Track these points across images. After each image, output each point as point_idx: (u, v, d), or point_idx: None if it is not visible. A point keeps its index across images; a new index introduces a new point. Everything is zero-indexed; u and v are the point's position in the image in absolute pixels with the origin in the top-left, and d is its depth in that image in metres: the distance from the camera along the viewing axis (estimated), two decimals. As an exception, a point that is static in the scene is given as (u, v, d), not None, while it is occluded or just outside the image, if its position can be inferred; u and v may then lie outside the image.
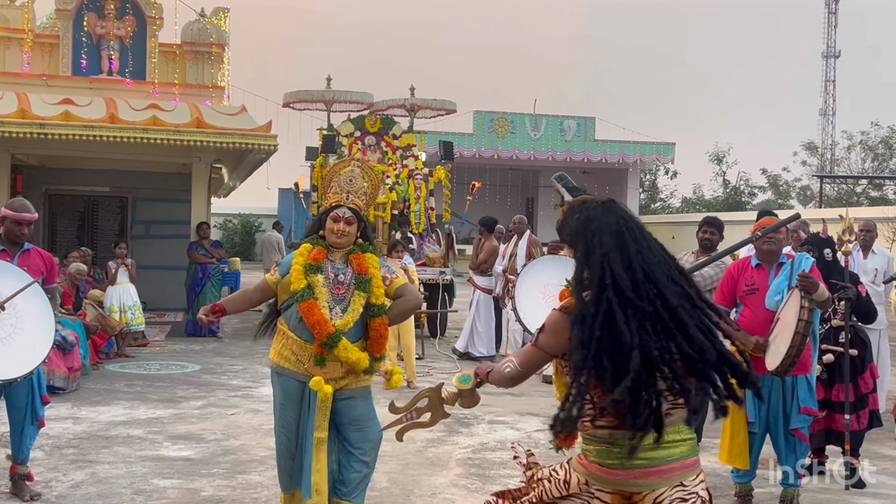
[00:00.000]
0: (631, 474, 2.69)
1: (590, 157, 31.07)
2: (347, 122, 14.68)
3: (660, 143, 31.98)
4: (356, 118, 14.71)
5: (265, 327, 4.64)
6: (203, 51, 13.88)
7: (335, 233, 4.34)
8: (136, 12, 13.73)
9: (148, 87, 13.54)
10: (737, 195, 41.36)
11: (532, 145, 30.72)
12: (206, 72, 13.91)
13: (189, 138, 11.86)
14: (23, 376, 4.84)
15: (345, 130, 14.55)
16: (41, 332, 4.92)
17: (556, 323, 2.83)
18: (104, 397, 8.35)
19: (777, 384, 5.16)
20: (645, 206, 40.55)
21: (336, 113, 15.35)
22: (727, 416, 2.87)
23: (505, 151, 30.44)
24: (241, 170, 16.10)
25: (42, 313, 4.94)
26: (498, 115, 30.96)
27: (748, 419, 5.16)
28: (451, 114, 16.53)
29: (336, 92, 14.72)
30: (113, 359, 10.56)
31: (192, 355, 11.09)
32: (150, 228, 14.86)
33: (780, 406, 5.16)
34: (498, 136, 30.64)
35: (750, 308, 5.17)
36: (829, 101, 47.65)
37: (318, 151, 14.06)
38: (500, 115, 30.92)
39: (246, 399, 8.47)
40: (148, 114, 12.13)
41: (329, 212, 4.39)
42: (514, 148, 30.42)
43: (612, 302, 2.64)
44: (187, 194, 13.60)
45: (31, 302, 4.90)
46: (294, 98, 15.13)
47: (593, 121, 31.66)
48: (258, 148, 12.24)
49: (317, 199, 14.19)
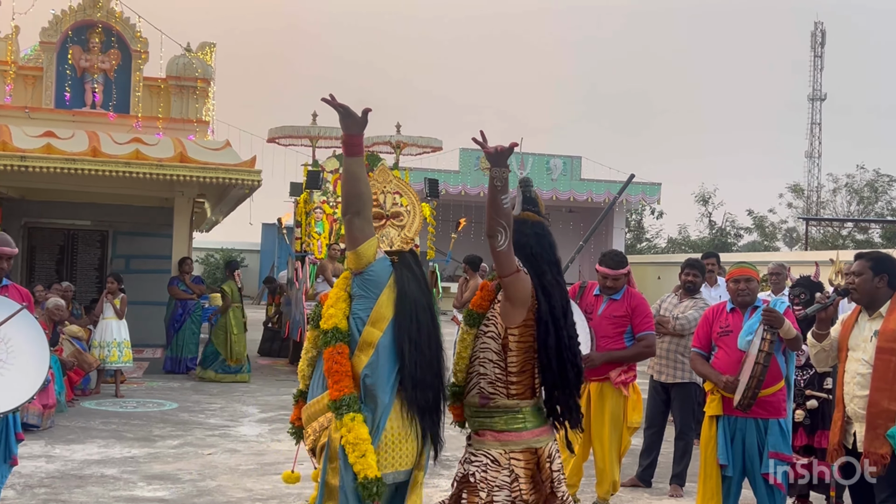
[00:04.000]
0: (533, 434, 3.59)
1: (576, 196, 31.25)
2: (333, 159, 14.74)
3: (646, 184, 32.17)
4: (341, 154, 14.70)
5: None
6: (188, 85, 13.95)
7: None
8: (121, 46, 13.80)
9: (131, 120, 13.56)
10: (723, 236, 41.66)
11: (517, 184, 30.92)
12: (190, 106, 13.97)
13: (172, 173, 11.87)
14: (10, 410, 4.75)
15: (330, 166, 14.60)
16: (34, 364, 4.77)
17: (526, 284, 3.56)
18: (79, 435, 8.27)
19: (751, 427, 5.18)
20: (631, 245, 40.73)
21: (321, 149, 15.42)
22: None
23: (491, 189, 30.69)
24: (225, 204, 16.09)
25: (34, 344, 4.80)
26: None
27: (720, 462, 5.18)
28: (437, 151, 16.62)
29: (321, 128, 14.77)
30: (89, 396, 10.47)
31: (170, 393, 11.00)
32: (131, 263, 14.80)
33: (756, 450, 5.18)
34: (484, 173, 30.79)
35: (723, 349, 5.30)
36: (815, 144, 48.27)
37: (303, 187, 14.11)
38: (487, 154, 31.21)
39: (223, 438, 8.39)
40: (131, 147, 12.12)
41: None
42: (525, 175, 30.71)
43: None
44: (169, 229, 13.57)
45: (20, 331, 4.76)
46: (279, 133, 15.20)
47: (579, 160, 31.89)
48: (242, 183, 12.25)
49: (300, 236, 14.25)
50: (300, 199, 14.19)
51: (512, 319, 3.57)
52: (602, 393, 5.91)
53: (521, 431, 3.59)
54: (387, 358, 3.49)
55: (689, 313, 6.74)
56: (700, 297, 6.99)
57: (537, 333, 3.58)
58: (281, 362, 14.44)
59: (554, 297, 3.62)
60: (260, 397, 10.88)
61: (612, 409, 5.90)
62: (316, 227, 14.09)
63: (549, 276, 3.64)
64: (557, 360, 3.59)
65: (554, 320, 3.59)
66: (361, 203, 3.50)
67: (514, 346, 3.58)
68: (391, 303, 3.53)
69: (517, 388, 3.58)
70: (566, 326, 3.64)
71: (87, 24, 13.68)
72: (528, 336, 3.59)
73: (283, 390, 11.35)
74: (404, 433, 3.49)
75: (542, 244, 3.72)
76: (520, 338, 3.58)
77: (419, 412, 3.51)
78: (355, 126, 3.42)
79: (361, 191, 3.49)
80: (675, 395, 6.90)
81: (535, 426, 3.61)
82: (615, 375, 5.86)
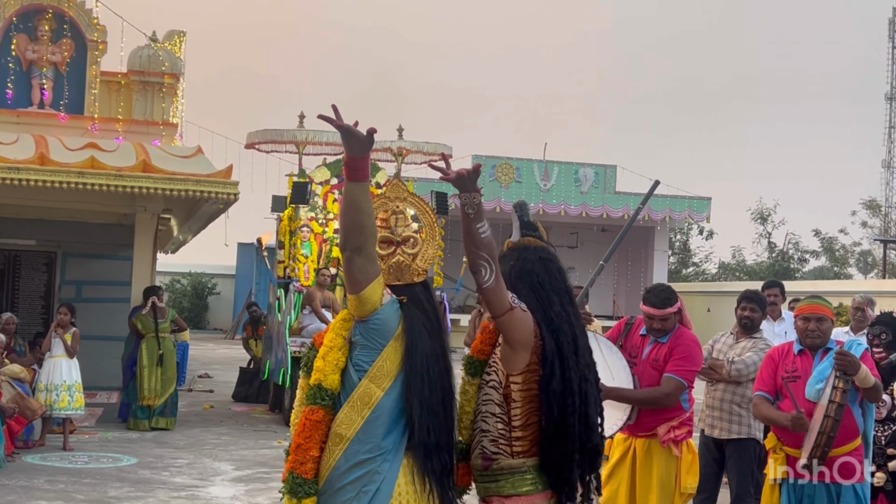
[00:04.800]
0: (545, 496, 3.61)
1: (609, 213, 31.25)
2: (323, 168, 14.76)
3: (693, 198, 32.20)
4: (333, 163, 14.78)
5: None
6: (153, 81, 14.02)
7: None
8: (74, 35, 13.90)
9: (86, 122, 13.64)
10: (784, 261, 41.60)
11: (541, 197, 30.94)
12: (155, 106, 14.04)
13: (133, 184, 11.92)
14: None
15: (319, 177, 14.61)
16: None
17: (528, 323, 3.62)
18: (20, 496, 8.27)
19: (820, 493, 5.18)
20: (675, 271, 40.67)
21: (309, 156, 15.48)
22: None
23: (509, 204, 30.54)
24: (195, 221, 16.15)
25: None
26: (501, 160, 31.26)
27: None
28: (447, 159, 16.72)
29: (310, 132, 14.82)
30: (32, 448, 10.48)
31: (128, 445, 11.00)
32: (83, 290, 14.85)
33: None
34: (501, 185, 30.88)
35: (790, 398, 5.31)
36: (895, 151, 47.91)
37: (287, 202, 14.14)
38: (504, 161, 31.22)
39: (191, 501, 8.38)
40: (85, 154, 12.19)
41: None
42: (520, 199, 30.67)
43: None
44: (128, 250, 13.62)
45: None
46: (260, 138, 15.27)
47: (614, 169, 31.97)
48: (216, 196, 12.29)
49: (283, 259, 14.27)
50: (284, 216, 14.21)
51: (513, 365, 3.61)
52: (649, 452, 5.84)
53: (531, 494, 3.61)
54: (387, 421, 3.52)
55: (747, 356, 6.70)
56: (760, 336, 6.93)
57: (541, 376, 3.60)
58: (259, 409, 14.45)
59: (562, 331, 3.65)
60: (234, 451, 10.87)
61: (661, 471, 5.82)
62: (302, 249, 14.09)
63: (556, 307, 3.69)
64: (561, 408, 3.57)
65: (561, 359, 3.60)
66: (363, 237, 3.47)
67: (518, 395, 3.61)
68: (398, 357, 3.55)
69: (522, 444, 3.62)
70: (577, 367, 3.64)
71: (35, 10, 13.80)
72: (533, 383, 3.62)
73: (262, 443, 11.33)
74: (421, 500, 3.55)
75: (549, 270, 3.78)
76: (523, 386, 3.61)
77: (436, 479, 3.55)
78: (359, 147, 3.43)
79: (364, 223, 3.46)
80: (730, 453, 6.84)
81: (548, 486, 3.63)
82: (663, 431, 5.78)
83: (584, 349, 3.71)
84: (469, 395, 3.76)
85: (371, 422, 3.50)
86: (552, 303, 3.70)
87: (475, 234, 3.46)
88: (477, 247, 3.47)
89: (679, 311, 5.92)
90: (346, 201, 3.48)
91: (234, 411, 14.20)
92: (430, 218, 3.87)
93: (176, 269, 33.96)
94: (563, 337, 3.64)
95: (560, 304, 3.71)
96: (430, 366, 3.58)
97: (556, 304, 3.70)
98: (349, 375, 3.56)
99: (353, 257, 3.48)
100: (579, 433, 3.61)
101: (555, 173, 31.27)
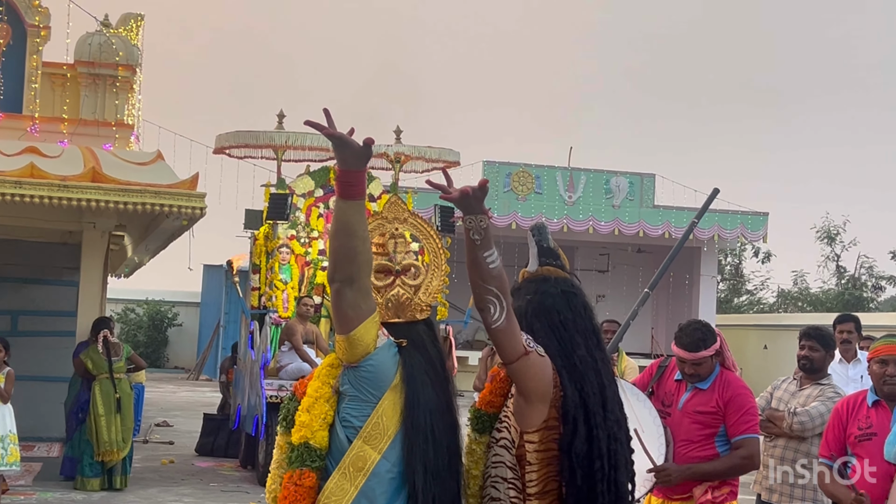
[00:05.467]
0: None
1: (647, 230, 31.13)
2: (306, 177, 14.75)
3: (747, 213, 32.13)
4: (318, 171, 14.83)
5: None
6: (105, 74, 14.09)
7: None
8: (11, 18, 13.95)
9: (25, 122, 13.69)
10: (856, 288, 41.46)
11: (566, 211, 30.90)
12: (108, 103, 14.11)
13: (80, 196, 11.86)
14: None
15: (301, 188, 14.61)
16: None
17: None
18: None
19: None
20: (725, 300, 40.59)
21: (290, 163, 15.46)
22: None
23: (527, 219, 30.48)
24: (153, 240, 16.20)
25: None
26: (518, 167, 31.21)
27: None
28: (453, 167, 16.59)
29: (290, 134, 14.79)
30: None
31: (69, 509, 10.86)
32: (19, 322, 14.85)
33: None
34: (518, 196, 30.84)
35: (864, 459, 5.31)
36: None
37: (263, 217, 14.10)
38: (521, 169, 31.16)
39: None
40: (23, 161, 12.16)
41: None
42: (539, 214, 30.49)
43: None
44: (74, 274, 13.67)
45: None
46: (232, 141, 15.20)
47: (652, 179, 31.92)
48: (178, 211, 12.28)
49: (258, 285, 14.21)
50: (259, 234, 14.19)
51: (528, 420, 3.58)
52: (685, 518, 5.90)
53: None
54: (386, 491, 3.51)
55: (812, 406, 6.64)
56: (830, 381, 6.89)
57: (562, 434, 3.58)
58: (228, 464, 14.36)
59: (588, 380, 3.63)
60: (197, 516, 10.78)
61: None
62: (280, 274, 14.09)
63: (581, 351, 3.68)
64: (586, 474, 3.54)
65: (586, 415, 3.58)
66: (356, 266, 3.46)
67: (534, 457, 3.58)
68: (396, 412, 3.53)
69: None
70: (605, 423, 3.62)
71: (-37, -11, 13.86)
72: (552, 442, 3.60)
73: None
74: None
75: (573, 306, 3.78)
76: (540, 445, 3.58)
77: None
78: (354, 159, 3.42)
79: (357, 248, 3.44)
80: (792, 524, 6.79)
81: None
82: (700, 493, 5.79)
83: (613, 402, 3.69)
84: (476, 455, 3.73)
85: (367, 492, 3.49)
86: (576, 346, 3.69)
87: (482, 265, 3.43)
88: (484, 279, 3.43)
89: (719, 351, 5.92)
90: (337, 223, 3.46)
91: (198, 467, 14.08)
92: (436, 243, 3.90)
93: (130, 297, 33.97)
94: (588, 387, 3.62)
95: (585, 347, 3.70)
96: (434, 422, 3.56)
97: (580, 347, 3.69)
98: (336, 433, 3.55)
99: (343, 290, 3.46)
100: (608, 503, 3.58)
101: (582, 183, 31.19)
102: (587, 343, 3.70)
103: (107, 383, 12.14)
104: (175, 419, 19.52)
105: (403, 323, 3.68)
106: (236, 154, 15.82)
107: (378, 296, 3.67)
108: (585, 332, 3.73)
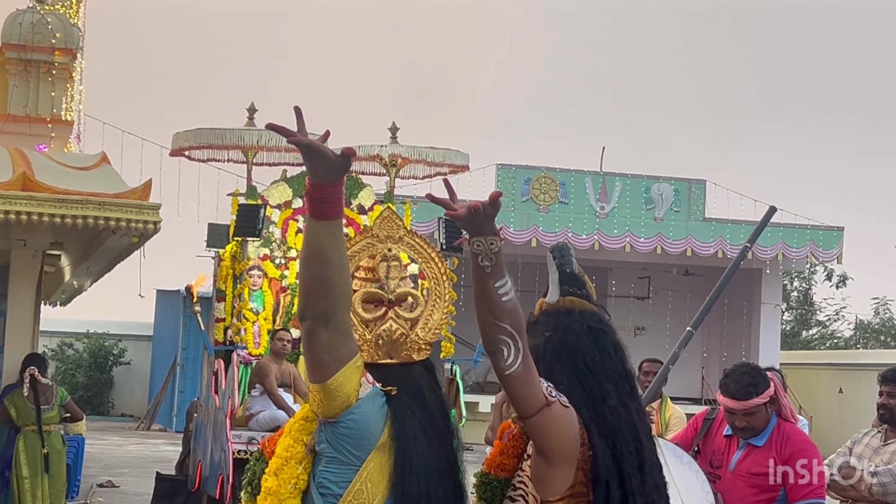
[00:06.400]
0: None
1: (696, 249, 31.02)
2: (281, 185, 14.74)
3: (817, 228, 32.05)
4: (296, 177, 14.72)
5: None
6: (38, 59, 14.10)
7: None
8: (-76, -7, 14.02)
9: (-58, 119, 13.71)
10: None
11: (597, 224, 30.77)
12: (41, 95, 14.12)
13: (8, 208, 11.81)
14: None
15: (277, 198, 14.59)
16: None
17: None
18: None
19: None
20: (792, 333, 40.47)
21: (262, 167, 15.51)
22: None
23: (549, 234, 30.34)
24: (96, 261, 16.17)
25: None
26: (539, 171, 31.22)
27: None
28: (461, 172, 16.64)
29: (261, 133, 14.64)
30: None
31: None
32: (-67, 358, 14.88)
33: None
34: (538, 207, 30.68)
35: None
36: None
37: (230, 233, 14.14)
38: (543, 174, 31.14)
39: None
40: (-62, 165, 12.21)
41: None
42: (565, 229, 30.31)
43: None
44: (1, 301, 13.66)
45: None
46: (192, 141, 15.18)
47: (702, 186, 31.85)
48: (127, 226, 12.24)
49: (223, 315, 14.20)
50: (225, 254, 14.22)
51: (550, 486, 3.56)
52: None
53: None
54: None
55: (894, 467, 6.72)
56: None
57: (591, 503, 3.55)
58: (187, 533, 14.37)
59: (621, 437, 3.61)
60: None
61: None
62: (251, 302, 14.08)
63: (612, 401, 3.67)
64: None
65: (621, 479, 3.57)
66: (330, 301, 3.41)
67: None
68: (384, 476, 3.49)
69: None
70: (643, 489, 3.61)
71: None
72: None
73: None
74: None
75: (601, 346, 3.77)
76: None
77: None
78: (328, 171, 3.36)
79: (331, 279, 3.39)
80: None
81: None
82: None
83: (651, 463, 3.69)
84: None
85: None
86: (606, 395, 3.66)
87: (493, 297, 3.38)
88: (496, 315, 3.38)
89: (772, 399, 5.92)
90: (308, 247, 3.43)
91: (150, 536, 14.11)
92: (438, 268, 3.84)
93: (68, 329, 33.84)
94: (621, 445, 3.61)
95: (617, 395, 3.68)
96: (430, 488, 3.52)
97: (611, 396, 3.67)
98: (310, 501, 3.53)
99: (317, 329, 3.42)
100: None
101: (616, 191, 31.08)
102: (619, 391, 3.68)
103: (33, 437, 12.14)
104: (122, 478, 19.54)
105: (397, 364, 3.64)
106: (198, 156, 15.79)
107: (366, 331, 3.63)
108: (616, 377, 3.71)
